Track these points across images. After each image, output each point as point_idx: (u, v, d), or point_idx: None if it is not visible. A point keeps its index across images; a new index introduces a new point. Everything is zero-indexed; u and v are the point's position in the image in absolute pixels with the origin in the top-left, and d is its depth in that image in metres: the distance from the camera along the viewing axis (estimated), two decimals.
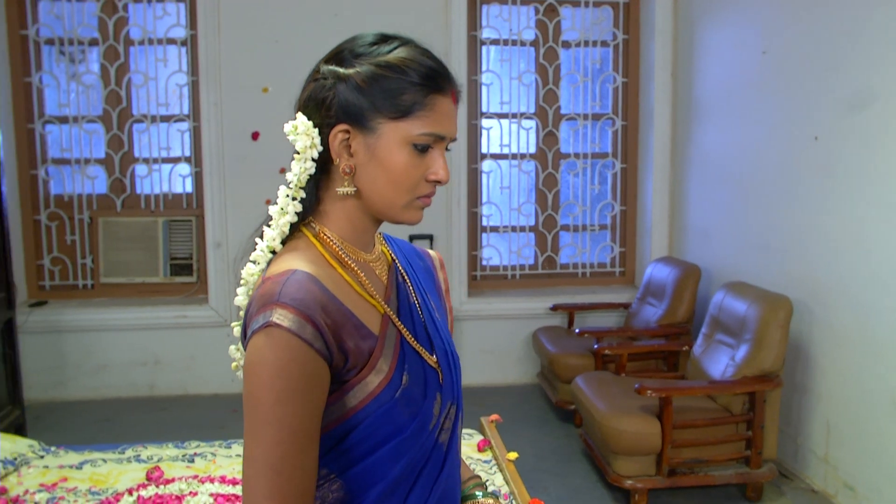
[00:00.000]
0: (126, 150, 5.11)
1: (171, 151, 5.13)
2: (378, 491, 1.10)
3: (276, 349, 1.00)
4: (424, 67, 1.10)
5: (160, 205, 5.16)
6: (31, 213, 5.10)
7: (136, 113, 5.09)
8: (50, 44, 5.02)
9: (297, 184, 1.15)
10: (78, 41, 5.00)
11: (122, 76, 5.05)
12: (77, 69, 5.06)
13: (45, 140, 5.08)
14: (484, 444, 2.98)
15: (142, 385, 5.06)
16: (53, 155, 5.11)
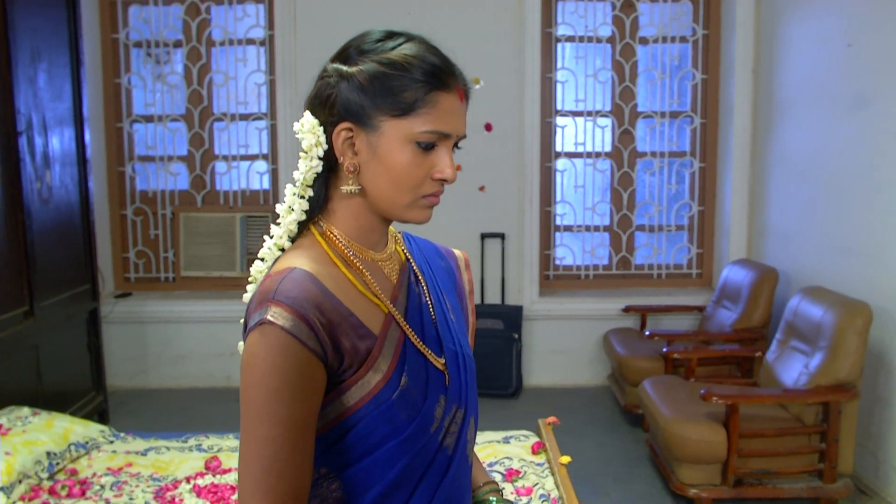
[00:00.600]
0: (206, 147, 5.28)
1: (249, 149, 5.27)
2: (377, 492, 1.09)
3: (269, 347, 1.00)
4: (427, 64, 1.08)
5: (238, 201, 5.31)
6: (118, 209, 5.33)
7: (217, 111, 5.25)
8: (138, 46, 5.23)
9: (303, 182, 1.14)
10: (164, 43, 5.19)
11: (204, 76, 5.21)
12: (162, 70, 5.25)
13: (133, 138, 5.30)
14: (538, 447, 2.94)
15: (219, 376, 5.22)
16: (140, 152, 5.32)
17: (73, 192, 4.34)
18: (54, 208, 4.14)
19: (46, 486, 2.75)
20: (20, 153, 3.83)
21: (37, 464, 2.79)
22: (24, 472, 2.72)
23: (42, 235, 3.98)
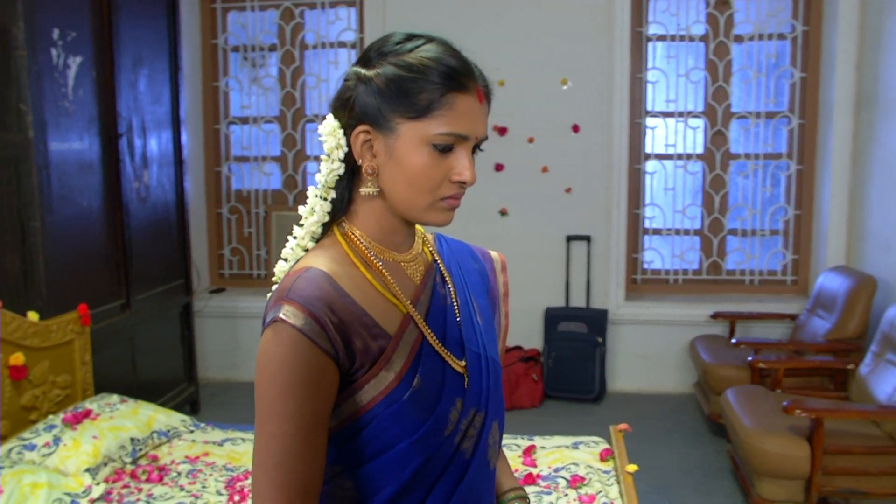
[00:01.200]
0: (299, 148, 5.44)
1: None
2: (390, 492, 1.10)
3: (280, 344, 1.03)
4: (444, 66, 1.07)
5: None
6: (214, 207, 5.55)
7: (309, 113, 5.40)
8: (235, 51, 5.43)
9: (325, 184, 1.16)
10: (259, 47, 5.37)
11: (297, 79, 5.36)
12: (258, 73, 5.44)
13: (229, 139, 5.51)
14: (607, 454, 2.90)
15: None
16: (235, 153, 5.53)
17: (169, 192, 4.55)
18: (151, 207, 4.35)
19: (129, 470, 2.90)
20: (120, 154, 4.04)
21: (121, 448, 2.95)
22: (109, 456, 2.88)
23: (139, 232, 4.19)
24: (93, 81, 3.84)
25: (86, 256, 3.78)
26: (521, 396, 4.76)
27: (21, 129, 3.38)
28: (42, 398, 3.18)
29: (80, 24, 3.72)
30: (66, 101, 3.64)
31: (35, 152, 3.39)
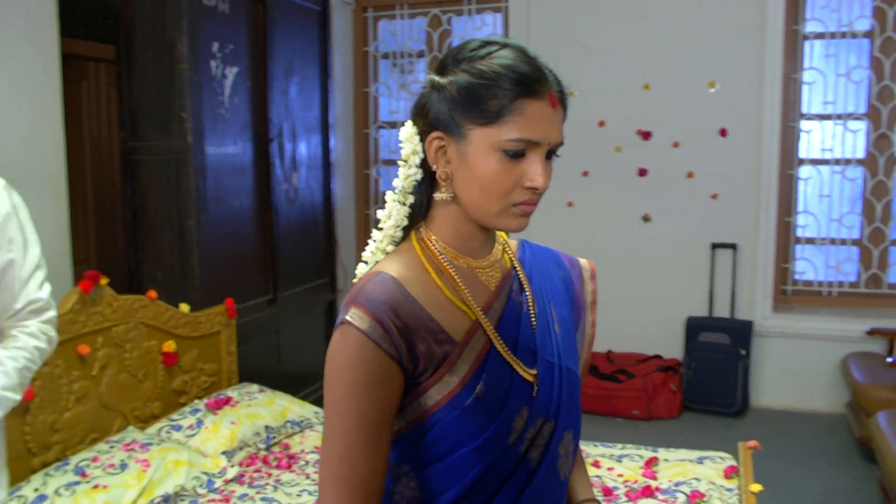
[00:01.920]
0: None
1: None
2: (452, 495, 1.12)
3: (346, 346, 1.08)
4: (515, 72, 1.07)
5: None
6: (363, 208, 5.76)
7: None
8: (385, 58, 5.62)
9: (402, 189, 1.20)
10: (408, 54, 5.53)
11: None
12: (406, 79, 5.60)
13: (378, 143, 5.71)
14: (731, 471, 2.79)
15: None
16: (384, 156, 5.72)
17: (317, 193, 4.78)
18: (299, 207, 4.59)
19: (262, 456, 3.08)
20: (271, 158, 4.30)
21: (256, 435, 3.14)
22: (244, 441, 3.08)
23: (287, 232, 4.43)
24: (247, 90, 4.10)
25: (237, 253, 4.04)
26: (659, 407, 4.64)
27: (181, 134, 3.67)
28: (191, 383, 3.44)
29: (237, 38, 3.99)
30: (223, 109, 3.91)
31: (193, 156, 3.67)
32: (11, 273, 1.76)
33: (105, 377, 3.00)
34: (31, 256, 1.82)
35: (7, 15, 3.09)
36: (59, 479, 2.55)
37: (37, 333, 1.81)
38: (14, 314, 1.78)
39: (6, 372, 1.71)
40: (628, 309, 4.95)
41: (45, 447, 2.75)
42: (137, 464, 2.67)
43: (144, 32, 3.67)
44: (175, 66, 3.64)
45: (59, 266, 3.36)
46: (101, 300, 2.97)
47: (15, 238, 1.78)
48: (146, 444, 2.82)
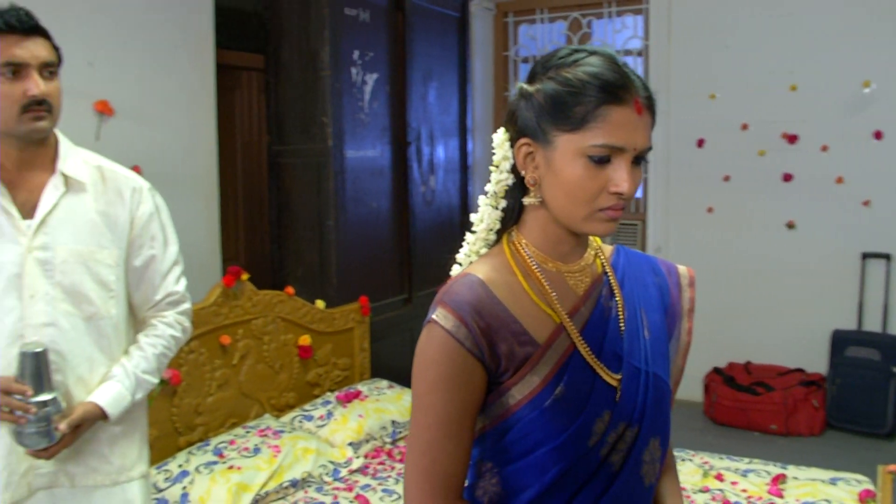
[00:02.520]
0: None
1: None
2: (531, 494, 1.15)
3: (431, 343, 1.13)
4: (600, 79, 1.08)
5: None
6: None
7: None
8: (525, 62, 5.65)
9: (494, 193, 1.23)
10: None
11: None
12: None
13: None
14: (867, 495, 2.62)
15: None
16: None
17: (454, 196, 4.88)
18: (436, 209, 4.70)
19: (387, 449, 3.19)
20: (409, 161, 4.42)
21: (382, 429, 3.25)
22: (371, 434, 3.20)
23: (423, 233, 4.55)
24: (386, 95, 4.24)
25: (373, 253, 4.19)
26: (798, 423, 4.41)
27: (323, 138, 3.85)
28: (324, 377, 3.60)
29: (377, 45, 4.14)
30: (362, 114, 4.07)
31: (333, 159, 3.84)
32: (153, 268, 1.91)
33: (244, 367, 3.20)
34: (169, 253, 1.95)
35: (168, 30, 3.36)
36: (199, 458, 2.75)
37: (173, 323, 1.95)
38: (154, 305, 1.93)
39: (146, 357, 1.87)
40: (769, 319, 4.73)
41: (190, 428, 2.97)
42: (269, 449, 2.83)
43: (291, 42, 3.88)
44: (318, 73, 3.83)
45: (210, 262, 3.62)
46: (242, 294, 3.17)
47: (156, 236, 1.92)
48: (279, 432, 2.98)
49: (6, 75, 1.66)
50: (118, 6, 3.13)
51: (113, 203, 1.85)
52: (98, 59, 3.06)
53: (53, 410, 1.68)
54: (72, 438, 1.72)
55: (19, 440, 1.68)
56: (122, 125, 3.16)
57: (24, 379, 1.66)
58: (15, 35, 1.66)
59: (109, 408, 1.78)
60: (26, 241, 1.73)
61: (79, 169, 1.83)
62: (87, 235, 1.80)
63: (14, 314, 1.72)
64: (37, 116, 1.69)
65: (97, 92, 3.07)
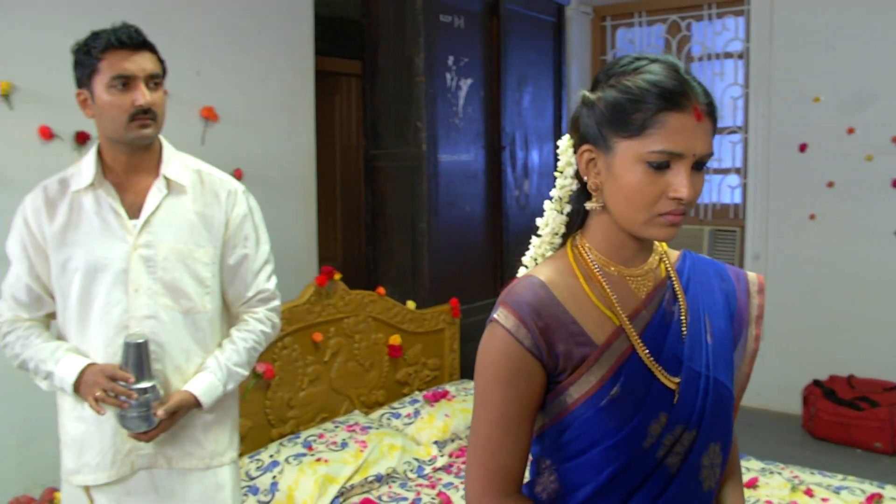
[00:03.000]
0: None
1: (722, 162, 5.25)
2: (587, 492, 1.17)
3: (492, 342, 1.17)
4: (659, 86, 1.10)
5: (707, 214, 5.33)
6: None
7: None
8: None
9: (558, 198, 1.28)
10: None
11: None
12: None
13: None
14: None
15: None
16: None
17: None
18: (529, 214, 4.71)
19: None
20: (503, 165, 4.46)
21: (468, 429, 3.29)
22: (456, 433, 3.25)
23: (516, 237, 4.57)
24: (480, 100, 4.29)
25: (465, 256, 4.24)
26: None
27: (416, 143, 3.93)
28: (414, 376, 3.68)
29: (471, 51, 4.20)
30: (456, 119, 4.13)
31: (427, 163, 3.92)
32: (245, 266, 2.02)
33: (335, 363, 3.31)
34: (261, 252, 2.05)
35: (269, 39, 3.51)
36: (289, 450, 2.86)
37: (263, 319, 2.05)
38: (246, 301, 2.03)
39: (238, 350, 1.98)
40: (874, 332, 4.51)
41: (282, 421, 3.10)
42: (356, 444, 2.92)
43: (387, 49, 3.98)
44: (412, 79, 3.91)
45: (307, 261, 3.76)
46: (334, 293, 3.28)
47: (249, 236, 2.02)
48: (366, 427, 3.07)
49: (116, 87, 1.79)
50: (223, 19, 3.30)
51: (210, 204, 1.97)
52: (204, 69, 3.23)
53: (152, 397, 1.79)
54: (169, 424, 1.84)
55: (122, 423, 1.81)
56: (226, 130, 3.33)
57: (128, 367, 1.79)
58: (125, 50, 1.80)
59: (203, 397, 1.89)
60: (132, 240, 1.87)
61: (180, 172, 1.95)
62: (186, 235, 1.92)
63: (120, 306, 1.86)
64: (143, 124, 1.82)
65: (203, 99, 3.25)
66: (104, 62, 1.79)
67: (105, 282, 1.86)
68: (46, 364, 1.85)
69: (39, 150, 2.73)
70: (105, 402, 1.78)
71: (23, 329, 1.92)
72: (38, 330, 1.94)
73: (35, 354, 1.87)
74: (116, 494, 1.91)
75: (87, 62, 1.81)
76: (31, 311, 1.94)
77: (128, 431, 1.83)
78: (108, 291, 1.86)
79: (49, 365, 1.85)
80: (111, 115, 1.81)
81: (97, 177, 1.87)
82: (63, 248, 1.87)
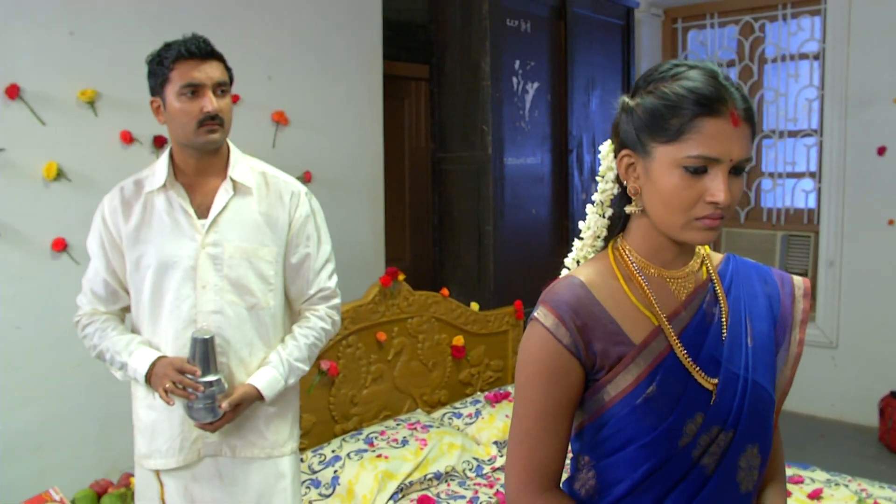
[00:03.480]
0: (753, 164, 5.31)
1: (796, 166, 5.14)
2: (623, 489, 1.20)
3: (532, 340, 1.21)
4: (696, 93, 1.12)
5: (781, 219, 5.21)
6: None
7: (766, 129, 5.24)
8: None
9: (600, 202, 1.31)
10: (718, 63, 5.38)
11: (755, 94, 5.25)
12: None
13: None
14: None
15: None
16: None
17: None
18: None
19: None
20: (569, 168, 4.46)
21: None
22: None
23: None
24: (547, 104, 4.31)
25: (530, 259, 4.26)
26: None
27: (482, 146, 3.97)
28: (477, 377, 3.72)
29: (538, 55, 4.22)
30: (523, 122, 4.16)
31: (492, 166, 3.95)
32: (307, 265, 2.09)
33: (399, 363, 3.37)
34: (322, 252, 2.13)
35: (339, 45, 3.61)
36: (351, 445, 2.94)
37: (324, 317, 2.12)
38: (308, 299, 2.11)
39: (299, 346, 2.06)
40: None
41: (346, 417, 3.18)
42: (417, 442, 2.98)
43: (453, 53, 4.04)
44: (479, 83, 3.96)
45: (374, 261, 3.84)
46: (398, 294, 3.35)
47: (311, 236, 2.10)
48: (427, 426, 3.12)
49: (186, 95, 1.89)
50: (294, 25, 3.41)
51: (274, 205, 2.05)
52: (276, 74, 3.34)
53: (218, 390, 1.89)
54: (233, 415, 1.94)
55: (189, 413, 1.91)
56: (296, 133, 3.43)
57: (195, 361, 1.89)
58: (194, 60, 1.90)
59: (265, 390, 1.98)
60: (200, 238, 1.97)
61: (246, 175, 2.04)
62: (251, 234, 2.01)
63: (189, 301, 1.96)
64: (210, 129, 1.92)
65: (274, 103, 3.36)
66: (175, 71, 1.89)
67: (175, 278, 1.96)
68: (121, 355, 1.97)
69: (120, 153, 2.88)
70: (174, 394, 1.88)
71: (100, 321, 2.04)
72: (115, 323, 2.06)
73: (111, 346, 1.99)
74: (184, 479, 2.01)
75: (160, 72, 1.92)
76: (108, 305, 2.06)
77: (194, 422, 1.93)
78: (177, 287, 1.96)
79: (123, 356, 1.97)
80: (181, 121, 1.91)
81: (169, 178, 1.97)
82: (137, 245, 1.97)
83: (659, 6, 5.42)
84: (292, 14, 3.40)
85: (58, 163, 2.71)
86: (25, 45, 2.63)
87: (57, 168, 2.70)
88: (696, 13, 5.40)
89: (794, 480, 2.87)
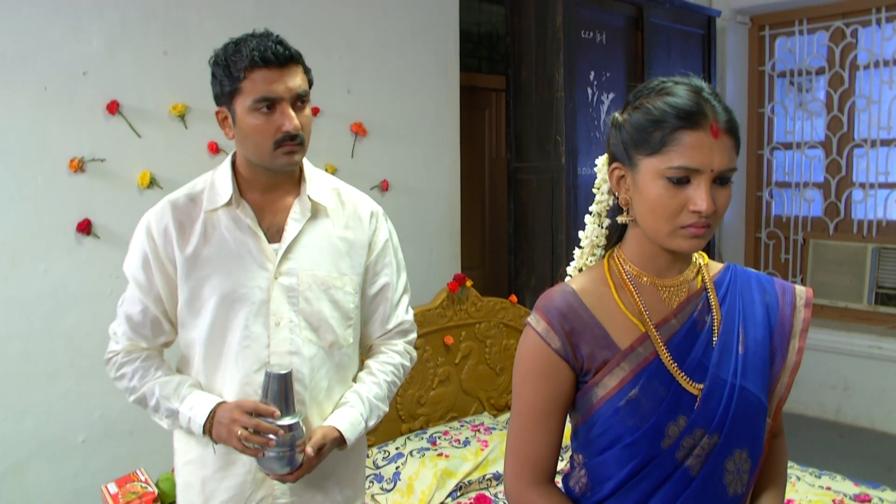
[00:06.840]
0: (843, 174, 5.16)
1: (889, 176, 4.97)
2: (610, 487, 1.28)
3: (526, 343, 1.32)
4: (675, 108, 1.20)
5: (873, 231, 5.06)
6: (753, 231, 5.62)
7: (857, 137, 5.09)
8: (782, 76, 5.42)
9: (598, 213, 1.41)
10: (806, 71, 5.27)
11: (846, 101, 5.11)
12: (804, 98, 5.33)
13: (772, 165, 5.52)
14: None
15: (829, 408, 5.09)
16: (777, 178, 5.51)
17: None
18: None
19: None
20: None
21: None
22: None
23: None
24: None
25: None
26: None
27: (556, 156, 4.04)
28: None
29: (613, 66, 4.25)
30: (597, 132, 4.20)
31: (566, 176, 4.02)
32: (385, 295, 1.87)
33: (466, 366, 3.48)
34: (401, 281, 1.91)
35: (420, 57, 3.73)
36: (414, 444, 3.06)
37: (403, 352, 1.91)
38: (385, 333, 1.89)
39: (379, 384, 1.82)
40: None
41: (412, 417, 3.30)
42: (479, 443, 3.07)
43: (529, 65, 4.12)
44: (553, 94, 4.03)
45: (451, 267, 3.95)
46: (466, 299, 3.45)
47: (391, 263, 1.88)
48: (490, 428, 3.21)
49: (261, 110, 1.61)
50: (373, 37, 3.55)
51: (352, 227, 1.81)
52: (355, 86, 3.50)
53: (297, 435, 1.61)
54: (314, 462, 1.66)
55: (261, 464, 1.63)
56: (374, 144, 3.58)
57: (269, 401, 1.61)
58: (270, 69, 1.60)
59: (347, 433, 1.72)
60: (273, 267, 1.70)
61: (323, 192, 1.78)
62: (329, 262, 1.76)
63: (261, 341, 1.69)
64: (290, 151, 1.65)
65: (353, 115, 3.51)
66: (247, 81, 1.60)
67: (243, 313, 1.69)
68: (170, 401, 1.69)
69: (207, 162, 3.08)
70: (250, 441, 1.59)
71: (140, 360, 1.75)
72: (158, 361, 1.78)
73: (157, 390, 1.71)
74: None
75: (228, 82, 1.63)
76: (149, 340, 1.76)
77: (268, 473, 1.66)
78: (246, 324, 1.69)
79: (173, 402, 1.69)
80: (255, 140, 1.64)
81: (235, 195, 1.71)
82: (195, 272, 1.70)
83: (745, 13, 5.34)
84: (370, 26, 3.54)
85: (151, 172, 2.93)
86: (125, 64, 2.86)
87: (150, 177, 2.92)
88: (784, 20, 5.30)
89: (861, 499, 2.83)
